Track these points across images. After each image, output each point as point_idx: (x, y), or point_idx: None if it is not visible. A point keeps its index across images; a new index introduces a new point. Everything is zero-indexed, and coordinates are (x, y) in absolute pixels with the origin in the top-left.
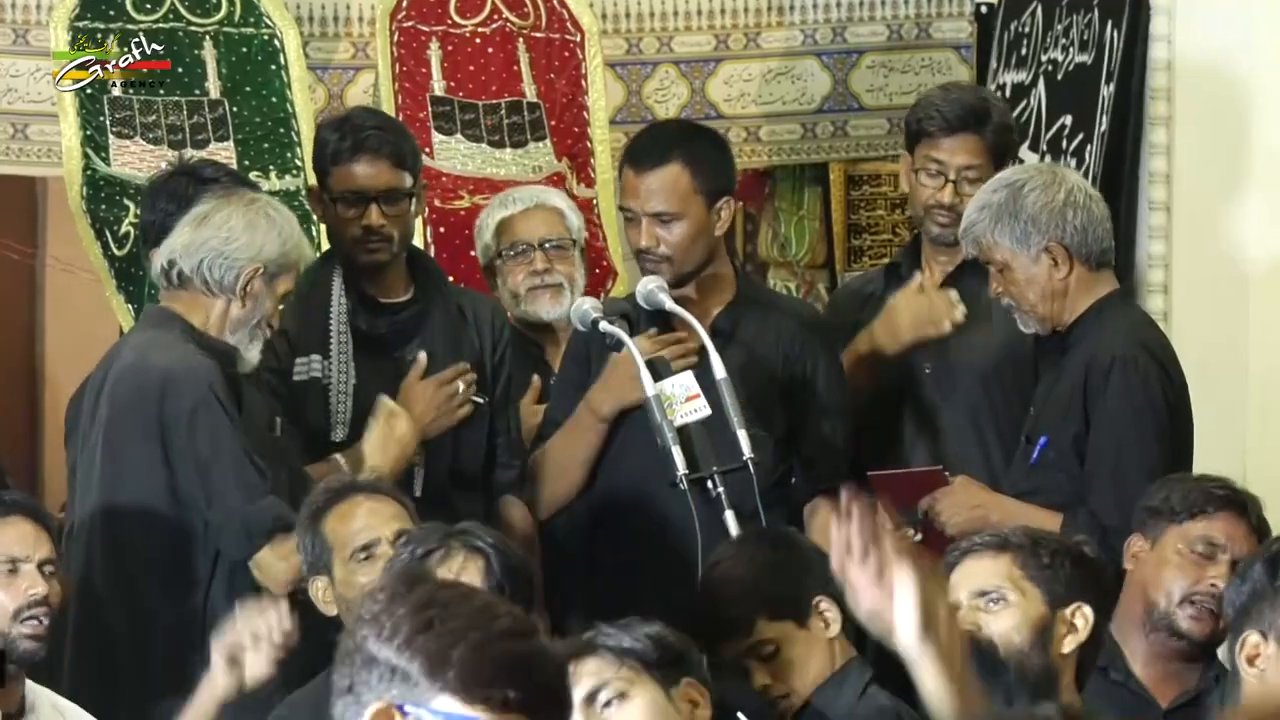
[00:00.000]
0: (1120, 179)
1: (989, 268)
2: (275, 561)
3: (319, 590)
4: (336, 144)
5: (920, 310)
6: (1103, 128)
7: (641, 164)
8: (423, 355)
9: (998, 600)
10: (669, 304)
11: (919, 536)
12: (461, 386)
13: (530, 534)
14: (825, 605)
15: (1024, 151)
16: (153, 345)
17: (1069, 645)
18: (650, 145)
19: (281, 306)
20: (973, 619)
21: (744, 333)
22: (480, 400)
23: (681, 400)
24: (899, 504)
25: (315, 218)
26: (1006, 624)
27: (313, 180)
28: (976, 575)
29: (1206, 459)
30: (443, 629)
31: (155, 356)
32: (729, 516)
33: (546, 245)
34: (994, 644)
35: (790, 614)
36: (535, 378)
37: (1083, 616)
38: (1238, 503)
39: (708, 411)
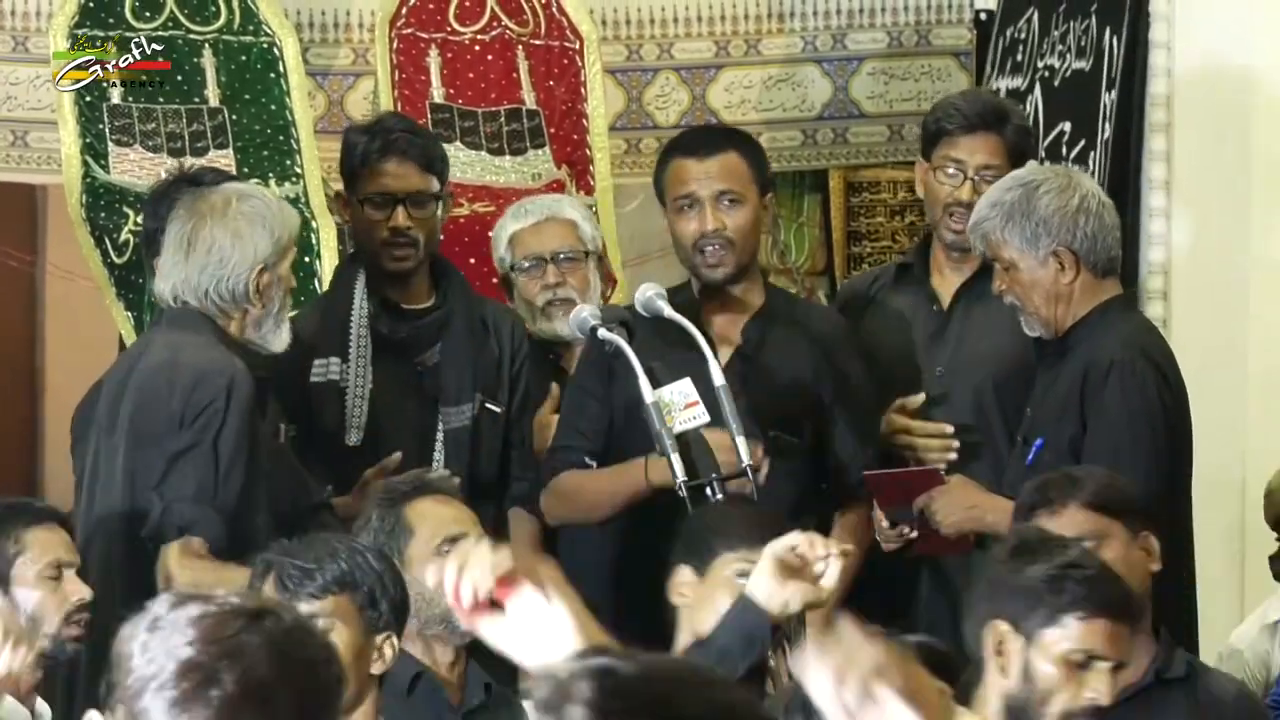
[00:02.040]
0: (1126, 186)
1: (995, 266)
2: (179, 565)
3: None
4: (365, 145)
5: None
6: (1106, 135)
7: (700, 151)
8: (395, 458)
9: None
10: (668, 311)
11: (915, 534)
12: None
13: (537, 547)
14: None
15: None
16: (185, 345)
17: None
18: (705, 136)
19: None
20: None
21: (773, 342)
22: (497, 409)
23: (680, 407)
24: (895, 503)
25: (315, 225)
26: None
27: (315, 182)
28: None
29: (1206, 465)
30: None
31: (188, 355)
32: None
33: (559, 258)
34: None
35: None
36: (554, 386)
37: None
38: None
39: (706, 418)
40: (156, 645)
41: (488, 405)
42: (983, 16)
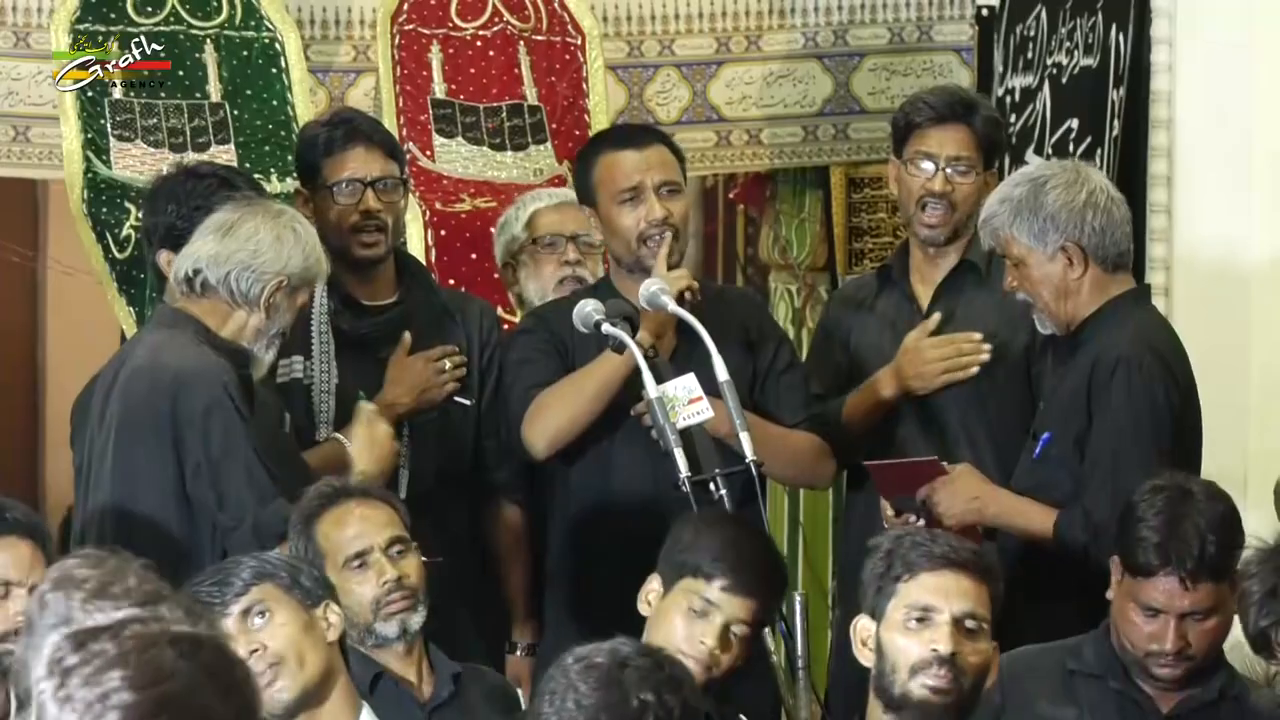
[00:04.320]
0: (1134, 182)
1: (998, 265)
2: None
3: None
4: (328, 134)
5: (948, 354)
6: (1115, 132)
7: (639, 142)
8: (406, 335)
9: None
10: (671, 305)
11: (922, 522)
12: (448, 364)
13: (520, 538)
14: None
15: (1029, 155)
16: (166, 345)
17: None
18: (637, 130)
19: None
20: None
21: (706, 326)
22: (466, 402)
23: (684, 402)
24: (897, 493)
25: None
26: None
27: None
28: (966, 594)
29: (1208, 461)
30: None
31: (168, 356)
32: None
33: (579, 239)
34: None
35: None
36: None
37: None
38: (1174, 561)
39: (710, 413)
40: (83, 695)
41: (456, 398)
42: (984, 12)
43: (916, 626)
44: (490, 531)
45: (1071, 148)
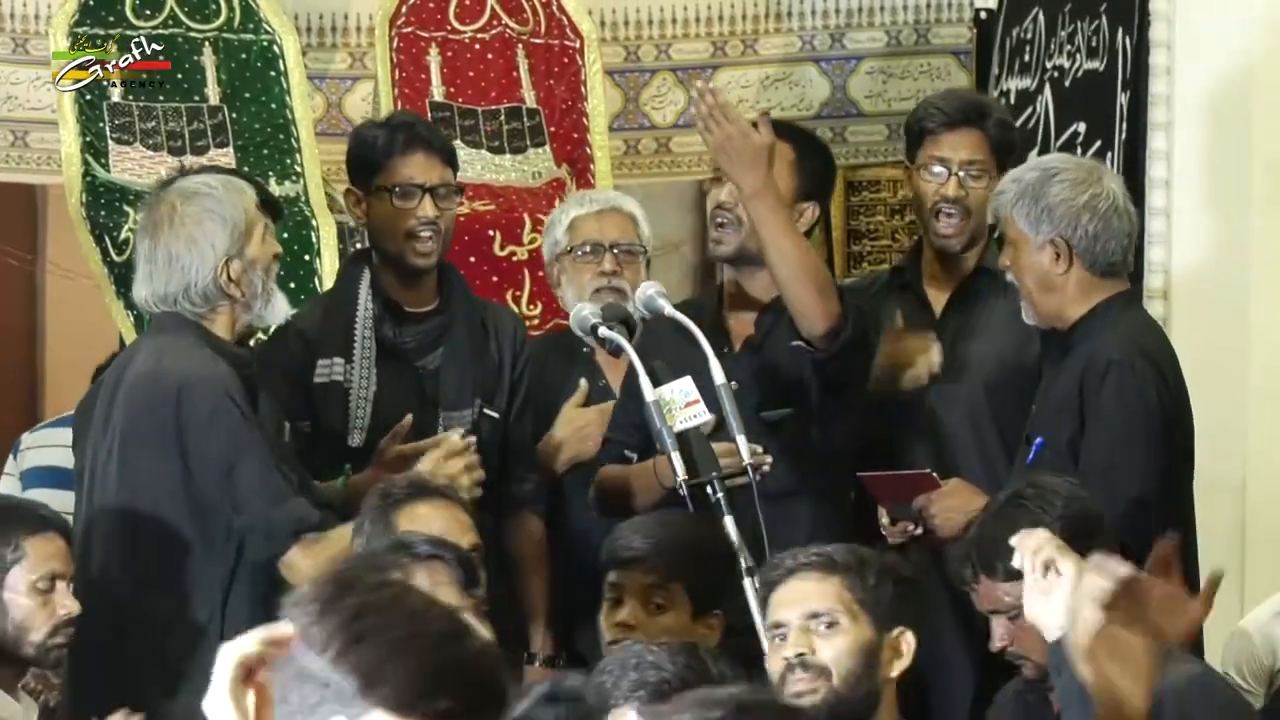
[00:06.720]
0: (1138, 186)
1: (998, 264)
2: (303, 561)
3: None
4: (389, 136)
5: (899, 355)
6: (1123, 135)
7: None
8: (408, 418)
9: (831, 624)
10: (668, 309)
11: (919, 530)
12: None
13: (542, 549)
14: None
15: (1032, 158)
16: (167, 351)
17: (895, 670)
18: (775, 124)
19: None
20: (805, 641)
21: (780, 333)
22: (495, 415)
23: (681, 406)
24: (892, 502)
25: (315, 224)
26: (840, 647)
27: (316, 181)
28: (808, 596)
29: (1207, 465)
30: (375, 641)
31: (170, 362)
32: (728, 522)
33: (617, 249)
34: (826, 669)
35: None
36: (583, 382)
37: (906, 643)
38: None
39: (707, 417)
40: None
41: (486, 411)
42: (983, 15)
43: None
44: (513, 542)
45: (1079, 151)
